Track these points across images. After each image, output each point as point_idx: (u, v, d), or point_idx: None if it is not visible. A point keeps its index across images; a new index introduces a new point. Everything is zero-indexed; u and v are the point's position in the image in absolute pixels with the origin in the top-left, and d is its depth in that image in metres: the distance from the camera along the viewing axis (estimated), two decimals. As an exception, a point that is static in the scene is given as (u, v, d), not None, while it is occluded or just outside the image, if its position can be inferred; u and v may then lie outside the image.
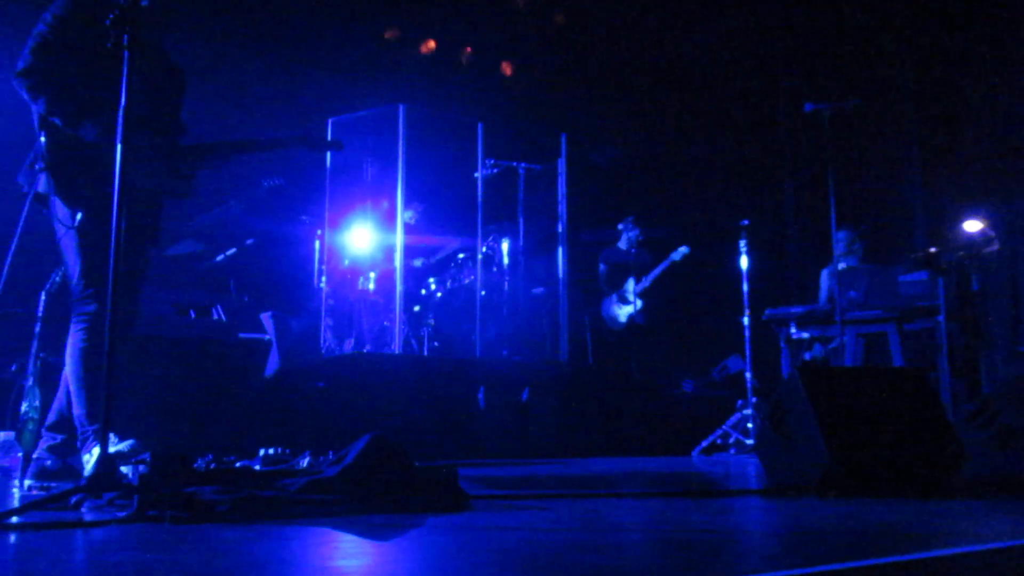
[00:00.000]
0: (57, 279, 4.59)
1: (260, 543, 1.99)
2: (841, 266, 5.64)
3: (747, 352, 5.83)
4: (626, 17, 8.47)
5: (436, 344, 6.59)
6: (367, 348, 6.34)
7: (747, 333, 5.83)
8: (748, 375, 5.80)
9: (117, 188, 2.23)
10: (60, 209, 2.95)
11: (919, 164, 8.01)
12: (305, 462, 3.13)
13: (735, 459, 5.49)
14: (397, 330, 6.04)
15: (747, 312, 5.83)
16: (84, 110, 2.91)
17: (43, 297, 4.61)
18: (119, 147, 2.22)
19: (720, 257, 6.73)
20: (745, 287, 5.85)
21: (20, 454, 2.23)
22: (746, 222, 5.90)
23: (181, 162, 3.09)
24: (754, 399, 5.68)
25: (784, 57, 8.93)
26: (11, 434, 2.19)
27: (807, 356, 6.70)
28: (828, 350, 6.00)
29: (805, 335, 5.90)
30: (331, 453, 2.94)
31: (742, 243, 5.88)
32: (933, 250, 5.38)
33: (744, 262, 5.88)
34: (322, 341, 6.37)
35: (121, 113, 2.23)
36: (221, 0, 6.63)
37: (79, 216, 2.91)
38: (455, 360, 6.15)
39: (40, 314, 4.59)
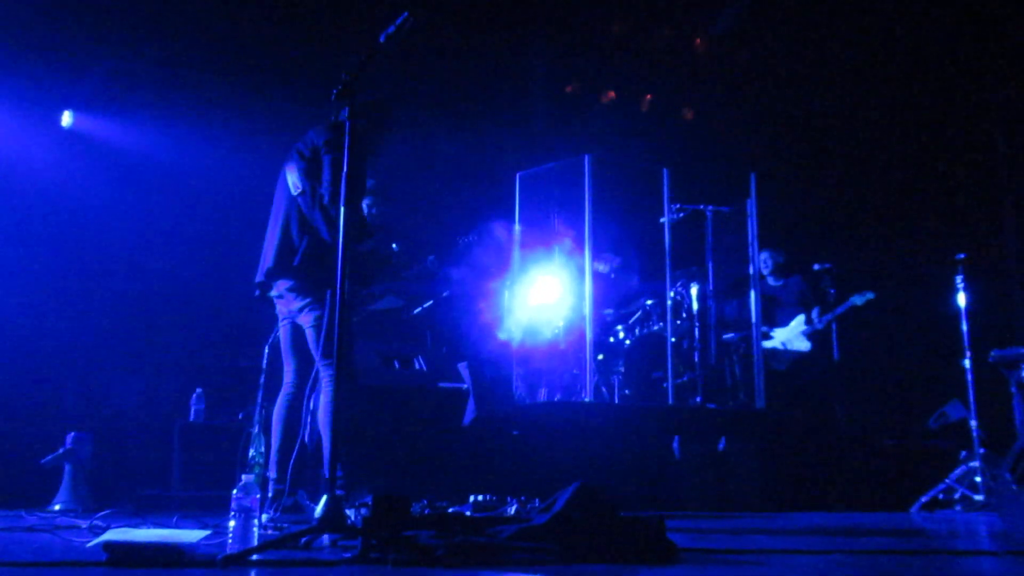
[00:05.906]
0: (278, 334, 4.99)
1: (480, 588, 2.02)
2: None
3: (970, 398, 5.34)
4: (811, 49, 8.12)
5: (627, 392, 6.52)
6: (558, 396, 6.38)
7: (969, 377, 5.35)
8: (973, 423, 5.30)
9: (340, 251, 2.40)
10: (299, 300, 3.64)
11: None
12: (512, 509, 3.18)
13: (963, 516, 5.00)
14: (588, 378, 6.04)
15: (968, 354, 5.36)
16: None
17: (266, 351, 5.03)
18: (342, 209, 2.40)
19: (931, 295, 6.25)
20: (964, 327, 5.39)
21: (259, 495, 2.42)
22: (962, 255, 5.46)
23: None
24: (982, 450, 5.17)
25: (996, 66, 8.07)
26: (251, 476, 2.39)
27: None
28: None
29: (1041, 378, 5.31)
30: (537, 500, 2.96)
31: (958, 278, 5.44)
32: None
33: (962, 299, 5.43)
34: (514, 389, 6.48)
35: (344, 179, 2.40)
36: (407, 68, 7.04)
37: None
38: (647, 408, 6.05)
39: (264, 367, 5.00)
